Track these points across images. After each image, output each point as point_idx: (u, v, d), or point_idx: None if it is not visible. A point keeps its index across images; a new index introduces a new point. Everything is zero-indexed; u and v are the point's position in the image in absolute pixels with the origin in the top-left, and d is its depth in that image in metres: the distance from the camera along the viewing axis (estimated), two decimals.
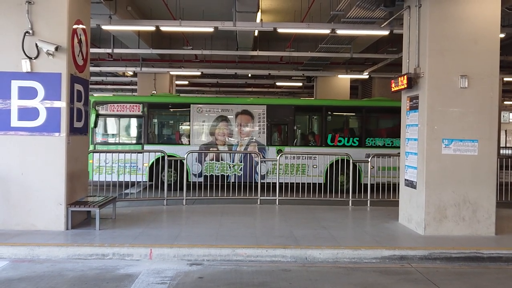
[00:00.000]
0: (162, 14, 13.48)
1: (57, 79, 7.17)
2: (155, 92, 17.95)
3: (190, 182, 11.51)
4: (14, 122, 7.15)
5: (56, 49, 7.04)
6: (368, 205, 10.25)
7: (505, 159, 12.69)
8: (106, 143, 13.15)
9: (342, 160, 11.68)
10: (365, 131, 13.82)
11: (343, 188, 12.11)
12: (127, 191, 11.22)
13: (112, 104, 12.98)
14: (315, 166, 12.96)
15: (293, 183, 11.43)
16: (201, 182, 11.56)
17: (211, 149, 13.25)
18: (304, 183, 11.11)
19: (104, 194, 9.24)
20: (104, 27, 11.32)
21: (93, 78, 21.97)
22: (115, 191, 10.35)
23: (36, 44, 7.07)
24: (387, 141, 13.63)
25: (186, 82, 22.67)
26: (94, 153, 10.79)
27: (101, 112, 12.88)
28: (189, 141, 13.36)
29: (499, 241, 7.08)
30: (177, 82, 21.18)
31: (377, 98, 18.35)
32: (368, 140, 13.60)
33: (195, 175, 12.95)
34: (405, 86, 7.74)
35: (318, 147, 13.61)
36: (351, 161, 10.48)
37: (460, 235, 7.35)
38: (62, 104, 7.19)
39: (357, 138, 13.67)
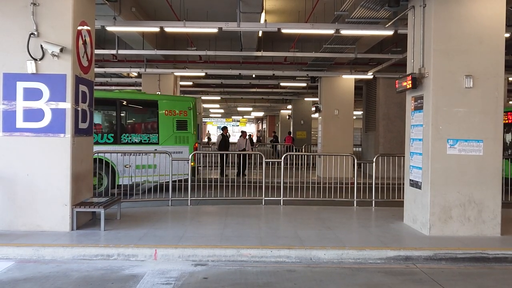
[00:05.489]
0: (166, 15, 13.48)
1: (62, 80, 7.20)
2: (159, 93, 17.97)
3: None
4: (20, 123, 7.18)
5: (61, 50, 7.07)
6: (373, 205, 10.23)
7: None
8: None
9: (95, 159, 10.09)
10: (120, 126, 12.68)
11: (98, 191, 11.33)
12: (131, 191, 11.23)
13: None
14: None
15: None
16: None
17: None
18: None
19: (109, 195, 9.26)
20: (109, 28, 11.33)
21: (98, 79, 22.00)
22: (120, 192, 10.37)
23: (41, 45, 7.11)
24: (144, 137, 12.80)
25: (191, 83, 22.69)
26: None
27: None
28: None
29: (505, 242, 7.05)
30: (182, 83, 21.17)
31: (131, 90, 16.83)
32: (124, 136, 12.53)
33: None
34: (410, 86, 7.72)
35: None
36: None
37: (465, 236, 7.32)
38: (67, 105, 7.21)
39: (112, 134, 12.46)
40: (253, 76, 21.13)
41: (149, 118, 13.36)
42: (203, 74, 18.52)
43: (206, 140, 40.79)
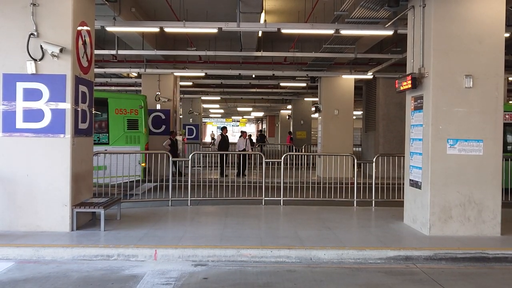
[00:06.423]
0: (166, 15, 13.47)
1: (62, 81, 7.20)
2: (159, 93, 17.97)
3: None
4: (19, 123, 7.18)
5: (61, 50, 7.07)
6: (373, 205, 10.23)
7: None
8: None
9: None
10: None
11: None
12: (131, 192, 11.23)
13: None
14: None
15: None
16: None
17: None
18: None
19: (109, 195, 9.26)
20: (108, 29, 11.32)
21: (98, 80, 21.99)
22: (120, 192, 10.37)
23: (41, 46, 7.11)
24: (93, 137, 12.34)
25: (191, 83, 22.70)
26: None
27: None
28: None
29: (505, 242, 7.05)
30: (181, 83, 21.17)
31: None
32: None
33: None
34: (410, 86, 7.72)
35: None
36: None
37: (465, 236, 7.32)
38: (67, 105, 7.21)
39: None
40: (253, 76, 21.13)
41: (98, 117, 12.76)
42: (203, 74, 18.52)
43: (210, 140, 40.85)
